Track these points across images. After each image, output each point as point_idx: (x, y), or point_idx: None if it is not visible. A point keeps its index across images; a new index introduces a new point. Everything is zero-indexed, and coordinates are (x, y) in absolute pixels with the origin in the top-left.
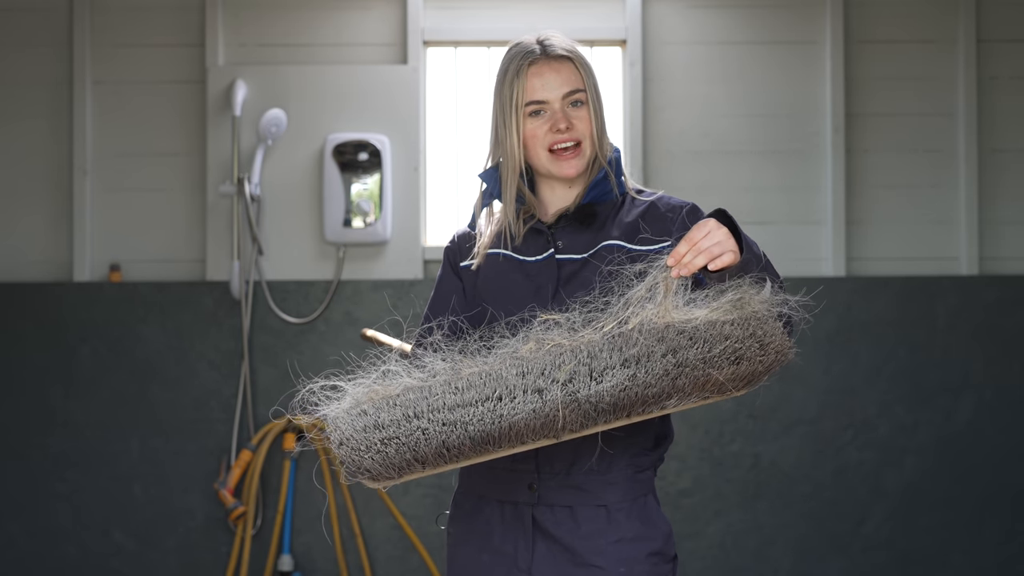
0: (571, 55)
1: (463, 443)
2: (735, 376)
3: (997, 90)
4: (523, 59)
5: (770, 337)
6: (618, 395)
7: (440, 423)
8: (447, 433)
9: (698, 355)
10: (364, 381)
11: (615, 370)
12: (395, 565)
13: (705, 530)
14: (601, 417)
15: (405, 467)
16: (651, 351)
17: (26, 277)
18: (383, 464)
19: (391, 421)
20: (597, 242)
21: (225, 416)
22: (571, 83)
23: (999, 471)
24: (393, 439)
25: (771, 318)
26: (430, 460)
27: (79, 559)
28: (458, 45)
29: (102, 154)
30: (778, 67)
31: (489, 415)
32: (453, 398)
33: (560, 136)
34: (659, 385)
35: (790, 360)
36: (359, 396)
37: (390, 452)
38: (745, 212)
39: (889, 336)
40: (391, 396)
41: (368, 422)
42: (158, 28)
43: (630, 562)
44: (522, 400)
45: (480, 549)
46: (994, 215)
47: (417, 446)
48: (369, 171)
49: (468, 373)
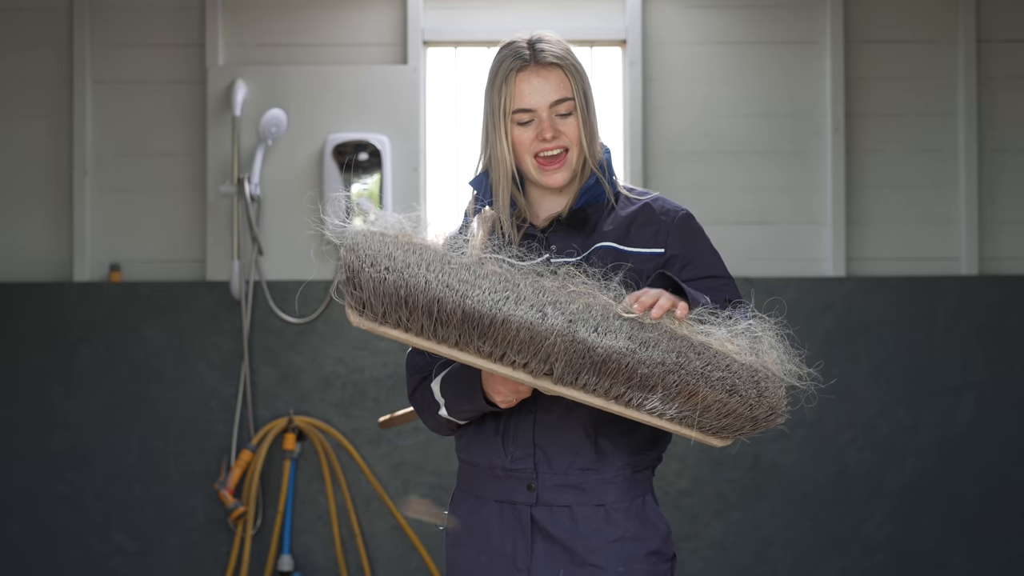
0: (560, 62)
1: (454, 311)
2: (722, 407)
3: (997, 90)
4: (512, 64)
5: (770, 392)
6: (609, 355)
7: (444, 284)
8: (446, 294)
9: (699, 367)
10: (398, 219)
11: (619, 336)
12: (395, 565)
13: (705, 530)
14: (584, 372)
15: (392, 306)
16: (658, 341)
17: (26, 277)
18: (375, 288)
19: (403, 259)
20: (590, 244)
21: (225, 416)
22: (559, 91)
23: (999, 471)
24: (396, 271)
25: (777, 378)
26: (417, 313)
27: (79, 559)
28: (458, 45)
29: (102, 154)
30: (778, 67)
31: (490, 302)
32: (466, 275)
33: (546, 144)
34: (651, 369)
35: (778, 424)
36: (388, 227)
37: (388, 280)
38: (745, 212)
39: (889, 336)
40: (415, 244)
41: (383, 249)
42: (158, 28)
43: (629, 561)
44: (525, 309)
45: (479, 550)
46: (994, 215)
47: (414, 289)
48: (369, 171)
49: (490, 269)
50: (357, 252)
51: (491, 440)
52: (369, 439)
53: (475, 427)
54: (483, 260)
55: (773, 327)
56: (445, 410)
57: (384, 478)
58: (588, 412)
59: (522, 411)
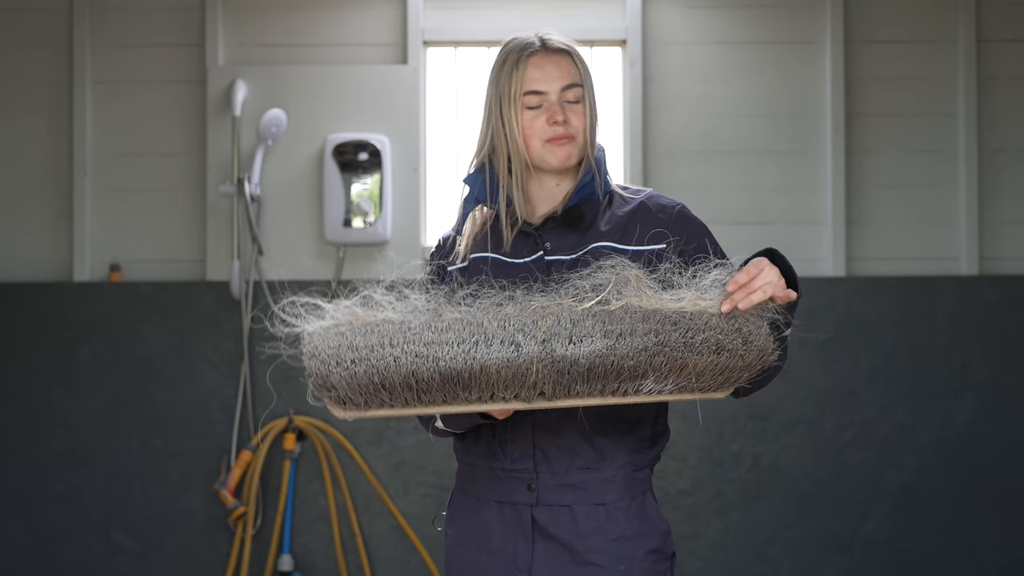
0: (570, 50)
1: (432, 377)
2: (714, 367)
3: (997, 90)
4: (522, 51)
5: (754, 335)
6: (594, 360)
7: (413, 354)
8: (417, 364)
9: (679, 338)
10: (346, 304)
11: (595, 338)
12: (395, 565)
13: (705, 530)
14: (573, 384)
15: (371, 393)
16: (633, 328)
17: (26, 277)
18: (349, 384)
19: (365, 345)
20: (586, 243)
21: (225, 416)
22: (570, 76)
23: (999, 471)
24: (363, 360)
25: (757, 317)
26: (396, 391)
27: (79, 559)
28: (458, 45)
29: (102, 154)
30: (778, 67)
31: (462, 355)
32: (430, 335)
33: (557, 130)
34: (636, 359)
35: (771, 363)
36: (339, 317)
37: (358, 372)
38: (745, 212)
39: (889, 336)
40: (370, 323)
41: (343, 342)
42: (158, 28)
43: (629, 560)
44: (498, 348)
45: (479, 550)
46: (994, 215)
47: (386, 371)
48: (369, 171)
49: (450, 317)
50: (319, 356)
51: (490, 442)
52: (369, 439)
53: (474, 429)
54: (439, 311)
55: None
56: (441, 423)
57: (384, 478)
58: (586, 411)
59: (521, 413)
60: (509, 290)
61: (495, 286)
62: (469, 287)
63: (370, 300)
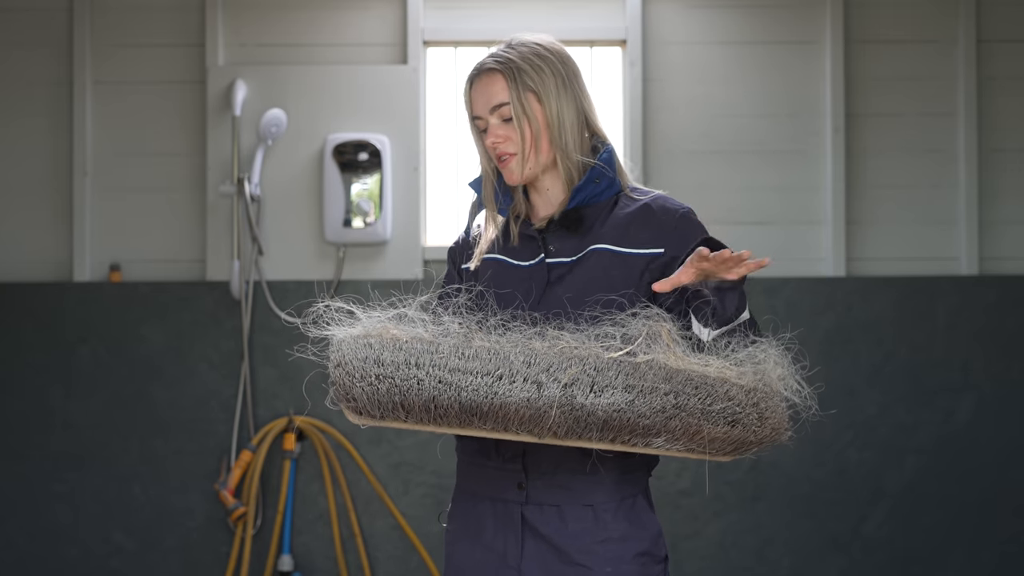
0: (500, 67)
1: (451, 406)
2: (726, 437)
3: (997, 90)
4: (468, 77)
5: (771, 412)
6: (611, 414)
7: (437, 380)
8: (440, 391)
9: (698, 404)
10: (379, 317)
11: (616, 391)
12: (395, 565)
13: (704, 530)
14: (587, 431)
15: (389, 410)
16: (655, 387)
17: (26, 277)
18: (370, 399)
19: (392, 362)
20: (585, 245)
21: (225, 416)
22: (495, 96)
23: (999, 471)
24: (387, 378)
25: (778, 396)
26: (415, 412)
27: (79, 559)
28: (458, 45)
29: (102, 154)
30: (778, 67)
31: (484, 388)
32: (456, 362)
33: (497, 150)
34: (652, 419)
35: (783, 441)
36: (370, 329)
37: (381, 389)
38: (745, 212)
39: (889, 336)
40: (399, 340)
41: (370, 355)
42: (158, 28)
43: (616, 562)
44: (520, 386)
45: (474, 546)
46: (994, 215)
47: (408, 393)
48: (369, 171)
49: (478, 345)
50: (346, 367)
51: (484, 439)
52: (369, 439)
53: None
54: (469, 336)
55: (775, 347)
56: None
57: (384, 478)
58: None
59: None
60: (540, 325)
61: (500, 288)
62: (476, 288)
63: (404, 316)
